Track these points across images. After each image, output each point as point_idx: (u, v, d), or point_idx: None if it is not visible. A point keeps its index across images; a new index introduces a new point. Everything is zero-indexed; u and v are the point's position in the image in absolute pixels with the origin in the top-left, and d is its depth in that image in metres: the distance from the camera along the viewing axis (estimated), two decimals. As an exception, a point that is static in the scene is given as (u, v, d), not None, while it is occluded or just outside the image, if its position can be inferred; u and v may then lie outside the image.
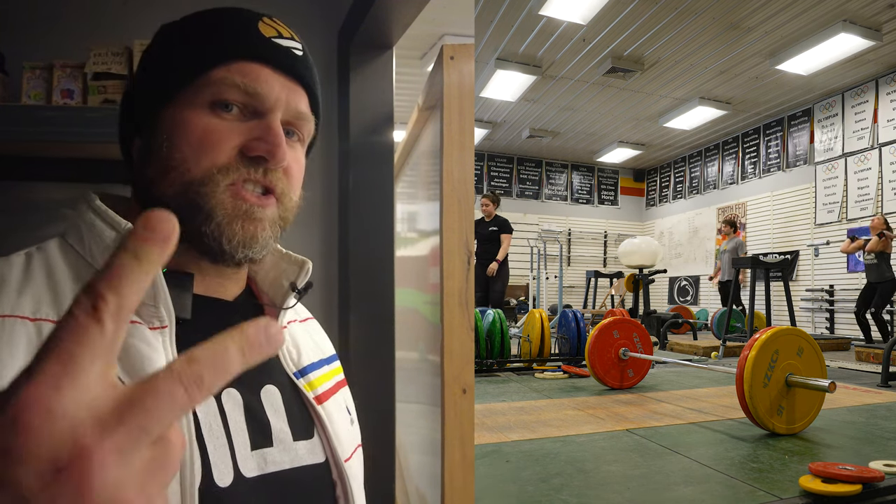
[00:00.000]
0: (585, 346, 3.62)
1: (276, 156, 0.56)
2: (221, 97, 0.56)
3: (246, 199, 0.56)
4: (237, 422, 0.55)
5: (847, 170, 7.92)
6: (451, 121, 1.01)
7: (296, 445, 0.59)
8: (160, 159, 0.56)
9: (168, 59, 0.58)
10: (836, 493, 1.57)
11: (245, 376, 0.58)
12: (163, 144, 0.56)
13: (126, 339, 0.49)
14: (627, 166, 12.18)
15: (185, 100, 0.56)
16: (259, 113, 0.57)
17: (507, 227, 6.22)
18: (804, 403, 2.38)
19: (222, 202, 0.55)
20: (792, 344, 2.38)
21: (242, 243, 0.56)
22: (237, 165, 0.55)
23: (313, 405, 0.63)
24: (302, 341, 0.68)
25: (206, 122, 0.55)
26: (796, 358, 2.37)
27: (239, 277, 0.64)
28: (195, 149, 0.55)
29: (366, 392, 1.31)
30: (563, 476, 1.80)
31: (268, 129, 0.56)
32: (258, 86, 0.56)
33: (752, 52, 6.77)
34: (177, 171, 0.55)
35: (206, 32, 0.58)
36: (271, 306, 0.66)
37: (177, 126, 0.56)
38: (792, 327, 2.49)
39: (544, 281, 9.49)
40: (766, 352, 2.32)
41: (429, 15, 1.33)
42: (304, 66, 0.60)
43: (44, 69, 1.04)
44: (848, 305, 7.77)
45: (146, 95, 0.58)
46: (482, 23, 6.15)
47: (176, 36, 0.59)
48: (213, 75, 0.56)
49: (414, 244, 1.50)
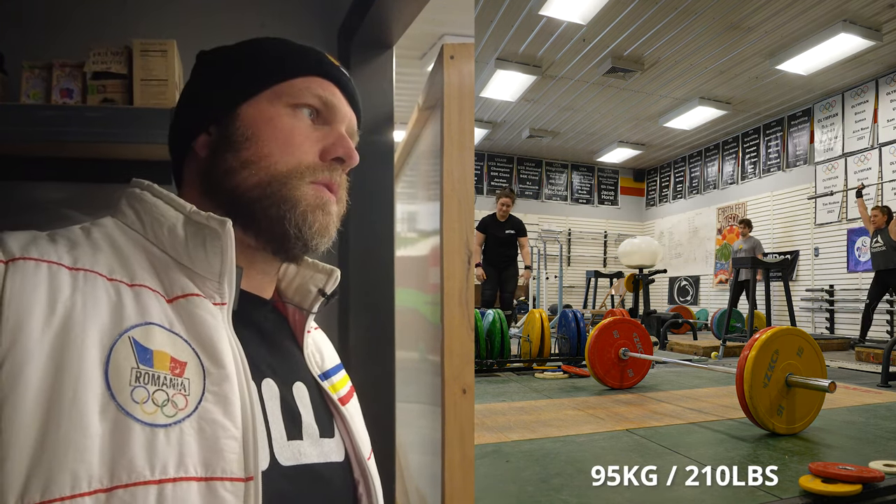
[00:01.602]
0: (585, 346, 3.62)
1: (352, 157, 0.64)
2: (302, 101, 0.63)
3: (323, 194, 0.62)
4: (274, 411, 0.58)
5: (847, 170, 7.92)
6: (450, 120, 1.01)
7: (322, 441, 0.62)
8: (241, 151, 0.60)
9: (254, 63, 0.64)
10: (836, 493, 1.57)
11: (280, 370, 0.62)
12: (246, 137, 0.60)
13: (192, 309, 0.54)
14: (627, 166, 12.18)
15: (266, 99, 0.62)
16: (329, 122, 0.64)
17: (524, 229, 6.08)
18: (804, 403, 2.38)
19: (306, 194, 0.61)
20: (792, 344, 2.38)
21: (319, 232, 0.62)
22: (321, 167, 0.62)
23: (337, 406, 0.67)
24: (323, 346, 0.73)
25: (290, 122, 0.62)
26: (796, 358, 2.37)
27: (274, 279, 0.69)
28: (281, 145, 0.60)
29: (366, 392, 1.30)
30: (563, 476, 1.80)
31: (341, 136, 0.64)
32: (334, 99, 0.65)
33: (752, 52, 6.77)
34: (260, 163, 0.60)
35: (289, 49, 0.65)
36: (299, 309, 0.71)
37: (263, 122, 0.61)
38: (792, 327, 2.48)
39: (544, 281, 9.49)
40: (767, 352, 2.31)
41: (429, 15, 1.33)
42: (356, 94, 0.70)
43: (43, 68, 1.04)
44: (848, 305, 7.77)
45: (226, 92, 0.63)
46: (482, 23, 6.15)
47: (265, 45, 0.65)
48: (296, 83, 0.63)
49: (414, 244, 1.50)
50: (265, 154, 0.60)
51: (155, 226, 0.58)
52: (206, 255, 0.56)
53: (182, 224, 0.58)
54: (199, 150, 0.62)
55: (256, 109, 0.61)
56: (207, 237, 0.57)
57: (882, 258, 6.10)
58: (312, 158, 0.62)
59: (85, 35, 1.12)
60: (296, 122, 0.62)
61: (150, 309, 0.51)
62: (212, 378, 0.51)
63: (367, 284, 1.33)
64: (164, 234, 0.57)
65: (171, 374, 0.49)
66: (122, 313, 0.50)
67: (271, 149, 0.60)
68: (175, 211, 0.58)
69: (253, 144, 0.60)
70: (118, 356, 0.47)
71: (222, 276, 0.57)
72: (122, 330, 0.49)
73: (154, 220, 0.58)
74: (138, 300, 0.51)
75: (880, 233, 6.15)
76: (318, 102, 0.63)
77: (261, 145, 0.60)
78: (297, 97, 0.62)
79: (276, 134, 0.61)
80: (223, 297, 0.57)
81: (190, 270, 0.56)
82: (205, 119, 0.62)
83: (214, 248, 0.56)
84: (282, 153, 0.60)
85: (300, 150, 0.61)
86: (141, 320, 0.50)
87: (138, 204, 0.59)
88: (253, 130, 0.60)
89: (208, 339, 0.53)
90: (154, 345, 0.50)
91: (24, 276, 0.47)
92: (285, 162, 0.60)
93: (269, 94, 0.62)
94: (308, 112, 0.63)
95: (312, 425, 0.62)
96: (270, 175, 0.60)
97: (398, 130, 1.45)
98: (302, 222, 0.60)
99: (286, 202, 0.60)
